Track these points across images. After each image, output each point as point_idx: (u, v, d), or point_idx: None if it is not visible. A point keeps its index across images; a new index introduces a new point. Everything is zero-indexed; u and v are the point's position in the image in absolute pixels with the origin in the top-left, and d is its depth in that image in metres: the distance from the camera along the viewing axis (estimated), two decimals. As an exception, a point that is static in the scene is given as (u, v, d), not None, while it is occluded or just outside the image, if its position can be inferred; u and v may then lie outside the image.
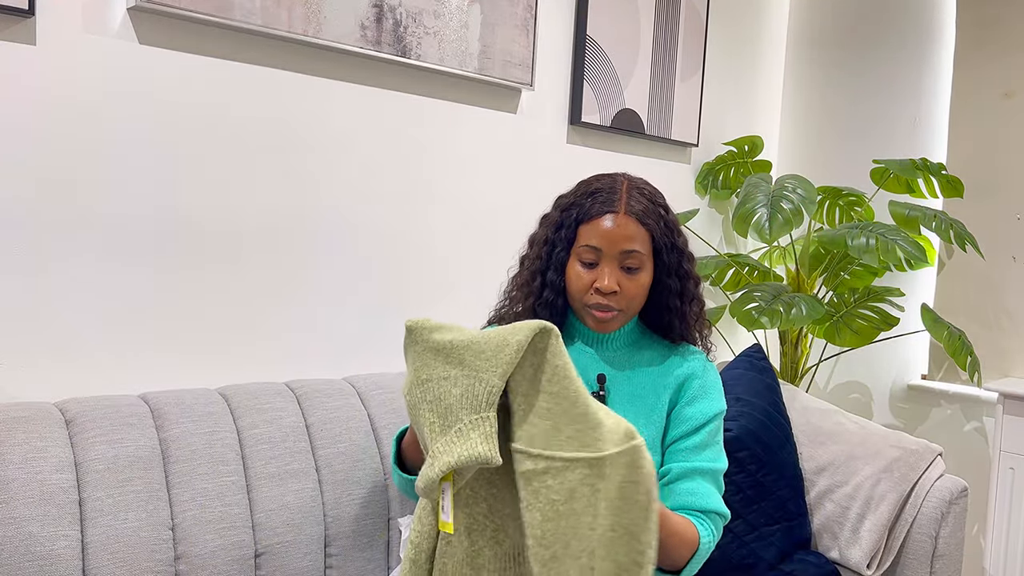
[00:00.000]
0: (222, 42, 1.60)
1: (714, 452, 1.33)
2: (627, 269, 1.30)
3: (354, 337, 1.84)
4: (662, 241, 1.31)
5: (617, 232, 1.28)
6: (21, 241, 1.40)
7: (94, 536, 1.23)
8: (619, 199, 1.30)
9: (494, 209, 2.09)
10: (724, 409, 1.37)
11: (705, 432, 1.32)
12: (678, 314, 1.35)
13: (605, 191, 1.32)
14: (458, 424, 0.90)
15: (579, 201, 1.33)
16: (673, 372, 1.36)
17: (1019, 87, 2.46)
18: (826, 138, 2.87)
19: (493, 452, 0.88)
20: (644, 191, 1.33)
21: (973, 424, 2.55)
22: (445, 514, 0.93)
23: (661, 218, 1.32)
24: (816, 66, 2.90)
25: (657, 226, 1.31)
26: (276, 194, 1.70)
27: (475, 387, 0.90)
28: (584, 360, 1.37)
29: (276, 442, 1.46)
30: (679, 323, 1.36)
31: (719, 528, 1.29)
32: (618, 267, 1.29)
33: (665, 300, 1.35)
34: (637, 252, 1.29)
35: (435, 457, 0.90)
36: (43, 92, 1.40)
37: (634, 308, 1.33)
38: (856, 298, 2.39)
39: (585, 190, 1.34)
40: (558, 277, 1.33)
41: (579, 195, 1.34)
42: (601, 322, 1.31)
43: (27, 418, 1.27)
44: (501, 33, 2.00)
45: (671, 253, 1.33)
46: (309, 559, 1.44)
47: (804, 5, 2.93)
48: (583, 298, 1.31)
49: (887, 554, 1.78)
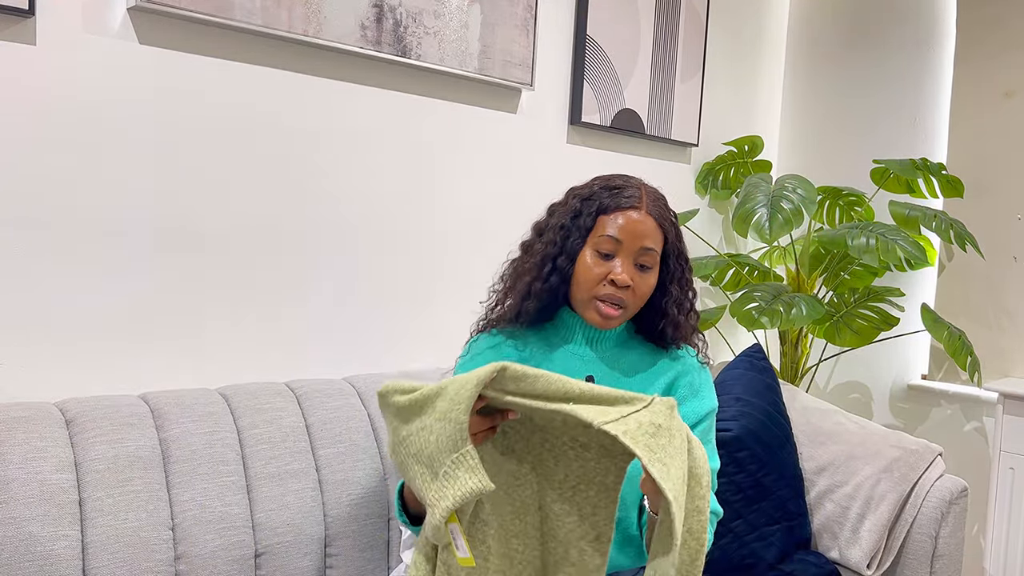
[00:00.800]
0: (222, 42, 1.60)
1: (707, 452, 1.33)
2: (640, 267, 1.30)
3: (354, 337, 1.84)
4: (672, 247, 1.33)
5: (640, 227, 1.29)
6: (21, 241, 1.40)
7: (94, 536, 1.23)
8: (641, 196, 1.31)
9: (494, 209, 2.09)
10: (716, 407, 1.37)
11: (698, 431, 1.33)
12: (673, 322, 1.36)
13: (627, 188, 1.32)
14: (443, 468, 0.94)
15: (599, 193, 1.33)
16: (663, 372, 1.36)
17: (1019, 87, 2.46)
18: (826, 138, 2.87)
19: (484, 481, 0.92)
20: (660, 197, 1.35)
21: (973, 424, 2.55)
22: (461, 551, 0.97)
23: (673, 225, 1.35)
24: (816, 66, 2.90)
25: (671, 231, 1.33)
26: (276, 194, 1.70)
27: (447, 428, 0.94)
28: (574, 361, 1.37)
29: (276, 442, 1.46)
30: (672, 331, 1.36)
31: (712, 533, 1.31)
32: (632, 263, 1.30)
33: (664, 306, 1.35)
34: (653, 251, 1.30)
35: (433, 505, 0.95)
36: (43, 92, 1.40)
37: (637, 308, 1.33)
38: (856, 298, 2.39)
39: (605, 184, 1.34)
40: (568, 264, 1.32)
41: (598, 188, 1.34)
42: (606, 317, 1.30)
43: (27, 418, 1.27)
44: (501, 33, 2.00)
45: (678, 261, 1.34)
46: (309, 559, 1.44)
47: (804, 5, 2.93)
48: (593, 289, 1.30)
49: (887, 554, 1.78)
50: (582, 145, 2.30)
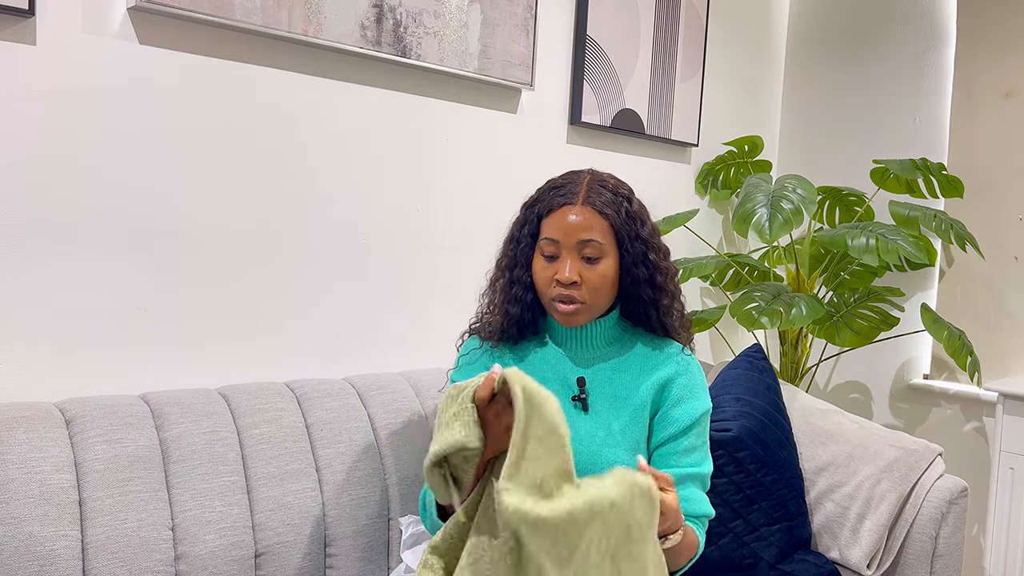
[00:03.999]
0: (222, 42, 1.60)
1: (702, 455, 1.34)
2: (586, 259, 1.30)
3: (354, 337, 1.84)
4: (623, 231, 1.31)
5: (573, 223, 1.29)
6: (21, 241, 1.40)
7: (94, 536, 1.23)
8: (578, 191, 1.32)
9: (494, 209, 2.09)
10: (710, 407, 1.37)
11: (693, 434, 1.33)
12: (652, 304, 1.36)
13: (566, 185, 1.33)
14: (445, 419, 1.04)
15: (542, 197, 1.35)
16: (655, 373, 1.36)
17: (1019, 87, 2.46)
18: (826, 138, 2.87)
19: (470, 437, 1.01)
20: (607, 184, 1.34)
21: (973, 424, 2.55)
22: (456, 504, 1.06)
23: (623, 208, 1.32)
24: (816, 66, 2.90)
25: (617, 215, 1.31)
26: (276, 194, 1.70)
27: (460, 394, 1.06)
28: (555, 361, 1.38)
29: (276, 442, 1.46)
30: (655, 312, 1.36)
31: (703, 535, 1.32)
32: (578, 258, 1.30)
33: (636, 291, 1.34)
34: (595, 242, 1.29)
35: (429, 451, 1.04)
36: (43, 92, 1.40)
37: (599, 300, 1.32)
38: (856, 298, 2.39)
39: (548, 187, 1.36)
40: (524, 273, 1.35)
41: (542, 192, 1.36)
42: (565, 315, 1.31)
43: (27, 418, 1.27)
44: (501, 33, 2.00)
45: (635, 243, 1.32)
46: (309, 559, 1.44)
47: (804, 5, 2.93)
48: (548, 292, 1.32)
49: (887, 554, 1.78)
50: (582, 145, 2.30)
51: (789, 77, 2.97)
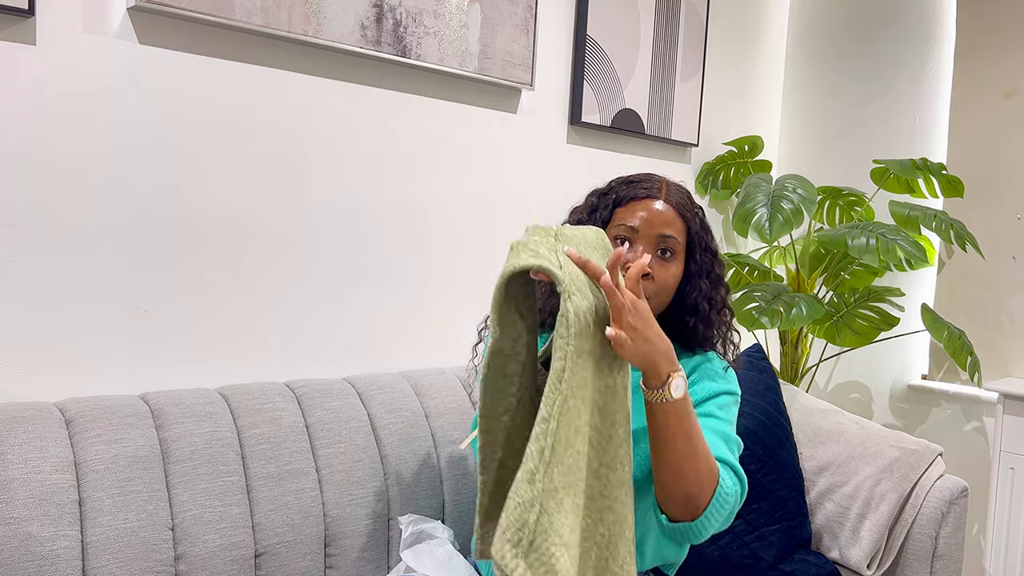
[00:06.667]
0: (222, 42, 1.60)
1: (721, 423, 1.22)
2: (662, 252, 1.25)
3: (354, 337, 1.84)
4: (697, 238, 1.28)
5: (657, 215, 1.25)
6: (21, 241, 1.40)
7: (94, 536, 1.23)
8: (660, 187, 1.29)
9: (494, 209, 2.09)
10: (736, 392, 1.28)
11: (712, 404, 1.24)
12: (704, 319, 1.28)
13: (646, 181, 1.30)
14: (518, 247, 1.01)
15: (617, 188, 1.31)
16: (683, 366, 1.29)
17: (1019, 87, 2.46)
18: (826, 138, 2.87)
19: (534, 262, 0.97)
20: (683, 189, 1.32)
21: (973, 424, 2.55)
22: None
23: (698, 216, 1.30)
24: (816, 66, 2.90)
25: (694, 221, 1.28)
26: (276, 194, 1.70)
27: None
28: None
29: (276, 442, 1.46)
30: (704, 328, 1.29)
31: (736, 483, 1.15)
32: (654, 252, 1.25)
33: (694, 301, 1.28)
34: (674, 238, 1.25)
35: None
36: (43, 92, 1.40)
37: (660, 301, 1.26)
38: (856, 298, 2.39)
39: (623, 180, 1.32)
40: None
41: (617, 184, 1.32)
42: None
43: (27, 418, 1.27)
44: (501, 33, 2.00)
45: (704, 253, 1.29)
46: (309, 559, 1.44)
47: (804, 5, 2.93)
48: None
49: (887, 554, 1.78)
50: (582, 145, 2.30)
51: (789, 77, 2.97)
